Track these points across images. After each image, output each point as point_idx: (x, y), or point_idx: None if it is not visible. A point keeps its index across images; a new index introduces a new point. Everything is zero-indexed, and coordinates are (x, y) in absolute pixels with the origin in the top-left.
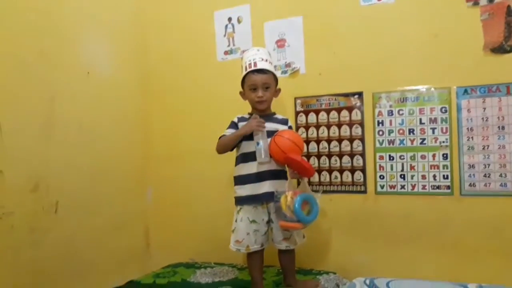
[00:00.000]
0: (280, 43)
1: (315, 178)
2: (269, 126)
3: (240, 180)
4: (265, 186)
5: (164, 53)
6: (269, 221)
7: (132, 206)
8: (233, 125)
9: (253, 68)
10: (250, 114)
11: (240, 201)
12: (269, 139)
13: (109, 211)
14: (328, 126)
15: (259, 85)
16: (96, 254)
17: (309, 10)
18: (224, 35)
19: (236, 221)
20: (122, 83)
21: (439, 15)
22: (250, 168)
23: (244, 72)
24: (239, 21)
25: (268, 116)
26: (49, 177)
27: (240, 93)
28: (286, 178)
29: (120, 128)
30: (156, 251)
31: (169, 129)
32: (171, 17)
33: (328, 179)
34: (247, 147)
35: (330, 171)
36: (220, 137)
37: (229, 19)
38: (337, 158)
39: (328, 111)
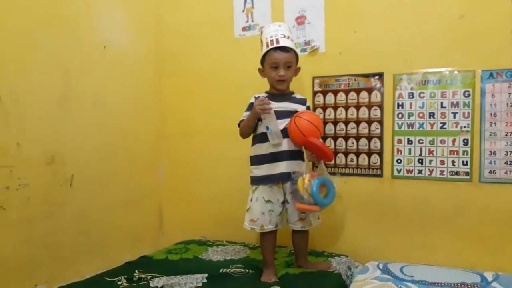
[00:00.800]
0: (300, 20)
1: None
2: (287, 106)
3: (257, 160)
4: (282, 167)
5: (180, 28)
6: (284, 202)
7: (146, 183)
8: (251, 106)
9: (275, 45)
10: (268, 93)
11: (256, 180)
12: (287, 120)
13: (122, 187)
14: (346, 108)
15: (281, 64)
16: (109, 229)
17: None
18: (243, 11)
19: (251, 200)
20: (137, 59)
21: None
22: (267, 148)
23: (265, 49)
24: None
25: (286, 95)
26: (65, 150)
27: (259, 70)
28: (302, 159)
29: (135, 105)
30: (169, 228)
31: (184, 107)
32: None
33: (344, 162)
34: (263, 127)
35: (346, 153)
36: (239, 122)
37: None
38: (354, 141)
39: (347, 92)
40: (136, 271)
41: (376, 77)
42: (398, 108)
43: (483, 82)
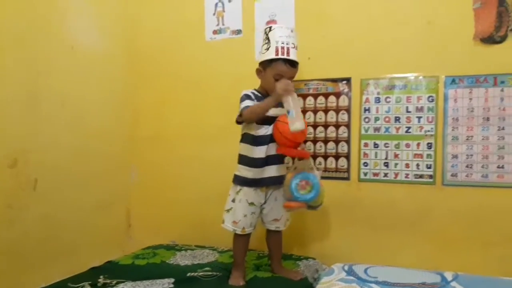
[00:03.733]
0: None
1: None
2: (279, 111)
3: (249, 162)
4: (270, 171)
5: (152, 30)
6: (263, 204)
7: (115, 186)
8: (251, 98)
9: (285, 56)
10: (258, 92)
11: (242, 182)
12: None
13: (91, 190)
14: (315, 112)
15: (285, 77)
16: (75, 234)
17: None
18: (214, 14)
19: (233, 201)
20: (108, 60)
21: (433, 2)
22: (260, 152)
23: (273, 55)
24: (229, 0)
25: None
26: (29, 153)
27: (257, 70)
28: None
29: (106, 106)
30: (138, 233)
31: (156, 108)
32: None
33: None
34: (259, 130)
35: (314, 157)
36: (244, 108)
37: None
38: (322, 144)
39: (315, 96)
40: (101, 276)
41: (344, 82)
42: (365, 112)
43: (446, 87)
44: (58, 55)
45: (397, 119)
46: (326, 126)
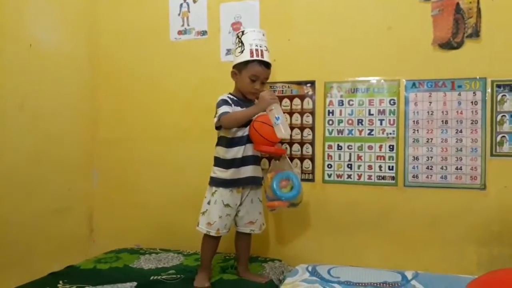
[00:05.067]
0: (236, 26)
1: (265, 164)
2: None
3: (225, 163)
4: (247, 171)
5: (116, 29)
6: (239, 206)
7: (77, 189)
8: (228, 103)
9: (260, 57)
10: (233, 96)
11: (218, 183)
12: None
13: (50, 193)
14: None
15: (261, 79)
16: (34, 239)
17: None
18: (179, 14)
19: (208, 203)
20: (68, 59)
21: (393, 7)
22: (237, 152)
23: (248, 57)
24: (194, 1)
25: (249, 103)
26: None
27: (233, 73)
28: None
29: (65, 106)
30: (100, 237)
31: (119, 110)
32: None
33: None
34: (237, 131)
35: (278, 159)
36: (222, 114)
37: None
38: (287, 146)
39: (281, 99)
40: (61, 281)
41: (308, 85)
42: (328, 115)
43: (407, 91)
44: (14, 53)
45: (360, 121)
46: (291, 128)
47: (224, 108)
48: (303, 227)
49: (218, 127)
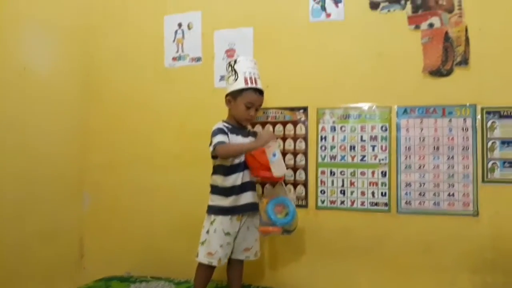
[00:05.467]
0: (230, 53)
1: (258, 190)
2: (250, 139)
3: (224, 191)
4: (246, 197)
5: (109, 55)
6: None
7: (66, 214)
8: (224, 132)
9: (254, 85)
10: (227, 123)
11: (218, 211)
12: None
13: (40, 218)
14: None
15: (256, 105)
16: (21, 264)
17: (260, 22)
18: (173, 41)
19: (207, 232)
20: (62, 83)
21: (384, 35)
22: (236, 179)
23: (243, 84)
24: (189, 28)
25: (243, 128)
26: None
27: (228, 100)
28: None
29: (57, 130)
30: (90, 263)
31: (111, 135)
32: (120, 17)
33: None
34: (234, 159)
35: (273, 184)
36: (217, 143)
37: (179, 25)
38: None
39: (274, 124)
40: None
41: (301, 111)
42: (321, 140)
43: (399, 117)
44: (8, 76)
45: (352, 147)
46: (284, 154)
47: (219, 138)
48: (296, 254)
49: (214, 156)
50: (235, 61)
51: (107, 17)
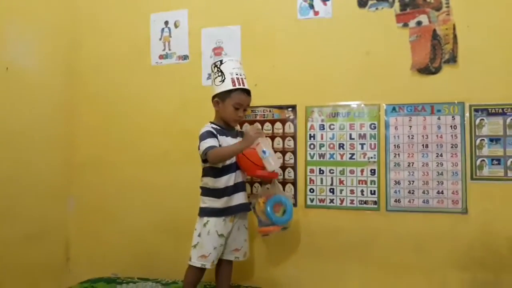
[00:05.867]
0: (217, 51)
1: (248, 189)
2: (237, 141)
3: (217, 192)
4: (239, 198)
5: (95, 53)
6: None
7: (51, 216)
8: (209, 134)
9: (241, 86)
10: (215, 124)
11: (210, 213)
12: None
13: (23, 220)
14: None
15: (244, 106)
16: (6, 267)
17: (247, 19)
18: (160, 39)
19: (199, 235)
20: (46, 83)
21: (372, 33)
22: (228, 180)
23: (230, 85)
24: (176, 26)
25: (231, 129)
26: None
27: (215, 102)
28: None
29: (41, 130)
30: (77, 266)
31: (97, 134)
32: (106, 16)
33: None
34: (226, 161)
35: (262, 183)
36: (208, 148)
37: (166, 23)
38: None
39: (262, 123)
40: None
41: (290, 109)
42: (310, 139)
43: (387, 115)
44: None
45: (341, 145)
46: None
47: (209, 142)
48: (286, 253)
49: (204, 160)
50: (221, 62)
51: (92, 15)
